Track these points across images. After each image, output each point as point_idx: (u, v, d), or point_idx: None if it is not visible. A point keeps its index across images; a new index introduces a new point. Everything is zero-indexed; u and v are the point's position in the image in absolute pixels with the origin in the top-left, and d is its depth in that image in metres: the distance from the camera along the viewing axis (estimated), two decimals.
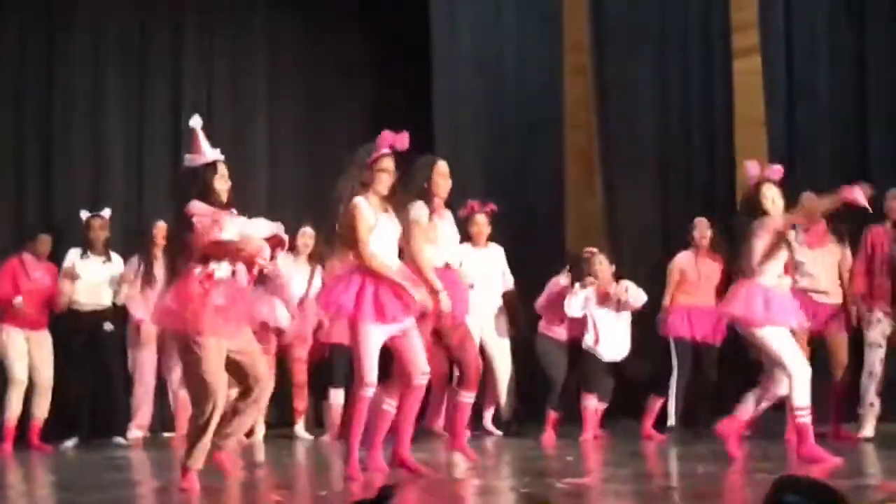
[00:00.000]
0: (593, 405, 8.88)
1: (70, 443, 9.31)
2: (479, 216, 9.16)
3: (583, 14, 11.10)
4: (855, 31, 9.36)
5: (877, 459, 7.28)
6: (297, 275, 9.58)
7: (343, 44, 11.78)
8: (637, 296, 8.94)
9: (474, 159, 11.02)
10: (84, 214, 9.62)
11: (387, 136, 6.39)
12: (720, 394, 8.77)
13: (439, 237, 6.91)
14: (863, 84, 9.32)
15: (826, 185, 9.10)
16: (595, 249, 9.18)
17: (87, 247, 9.53)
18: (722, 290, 8.22)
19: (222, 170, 6.08)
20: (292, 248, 9.31)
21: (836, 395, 8.46)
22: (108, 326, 9.49)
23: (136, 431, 9.62)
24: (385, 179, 6.39)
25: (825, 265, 8.49)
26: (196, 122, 6.15)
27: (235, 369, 6.00)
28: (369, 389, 6.30)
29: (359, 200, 6.30)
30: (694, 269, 9.10)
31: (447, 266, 6.94)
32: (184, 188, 6.08)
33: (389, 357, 6.49)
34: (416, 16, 11.18)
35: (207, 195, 6.00)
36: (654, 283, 9.28)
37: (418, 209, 6.80)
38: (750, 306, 6.73)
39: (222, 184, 6.06)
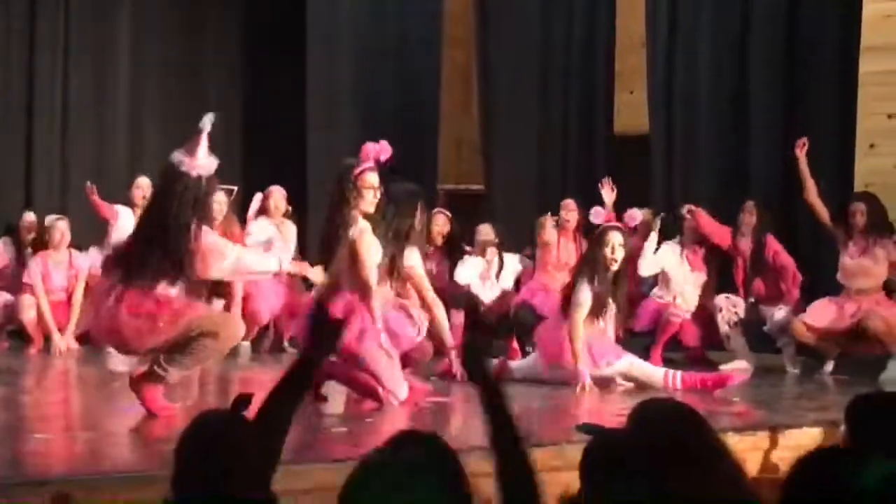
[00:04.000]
0: None
1: None
2: None
3: None
4: None
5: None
6: None
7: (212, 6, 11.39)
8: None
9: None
10: None
11: (369, 148, 6.02)
12: None
13: None
14: (745, 9, 9.20)
15: (705, 107, 9.17)
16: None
17: None
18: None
19: (219, 193, 5.55)
20: None
21: None
22: None
23: None
24: (370, 196, 6.00)
25: None
26: (207, 122, 5.38)
27: None
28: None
29: (364, 227, 5.92)
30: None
31: None
32: (186, 201, 5.32)
33: None
34: None
35: (202, 213, 5.42)
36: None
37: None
38: None
39: (217, 207, 5.58)
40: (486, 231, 8.87)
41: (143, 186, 9.21)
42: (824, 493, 2.34)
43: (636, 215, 7.50)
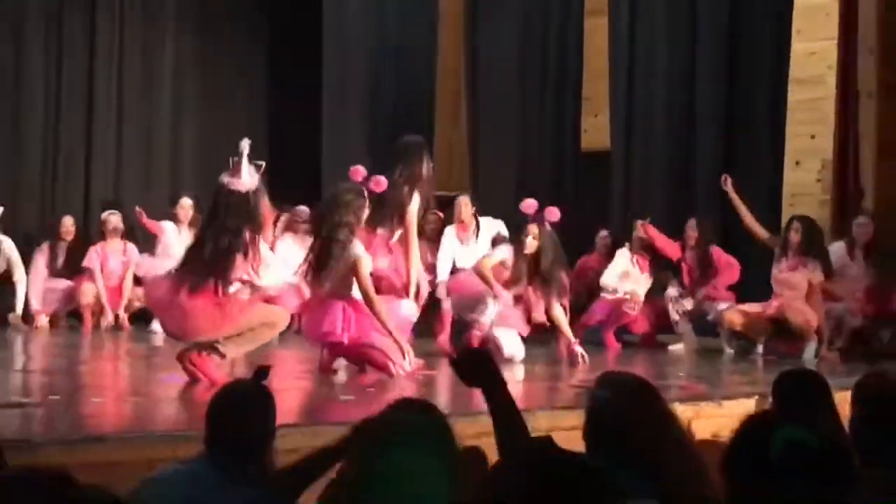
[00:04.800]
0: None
1: None
2: None
3: None
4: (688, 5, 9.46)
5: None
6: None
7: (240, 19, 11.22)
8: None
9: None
10: None
11: (361, 172, 6.11)
12: None
13: None
14: (693, 47, 9.29)
15: (659, 129, 9.25)
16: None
17: None
18: None
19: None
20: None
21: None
22: None
23: None
24: (364, 214, 6.05)
25: None
26: (245, 146, 5.49)
27: None
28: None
29: (362, 251, 5.89)
30: None
31: None
32: (237, 211, 5.37)
33: None
34: None
35: (256, 222, 5.43)
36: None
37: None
38: None
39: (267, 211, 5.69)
40: (464, 200, 8.72)
41: (186, 206, 9.42)
42: (752, 460, 2.26)
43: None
